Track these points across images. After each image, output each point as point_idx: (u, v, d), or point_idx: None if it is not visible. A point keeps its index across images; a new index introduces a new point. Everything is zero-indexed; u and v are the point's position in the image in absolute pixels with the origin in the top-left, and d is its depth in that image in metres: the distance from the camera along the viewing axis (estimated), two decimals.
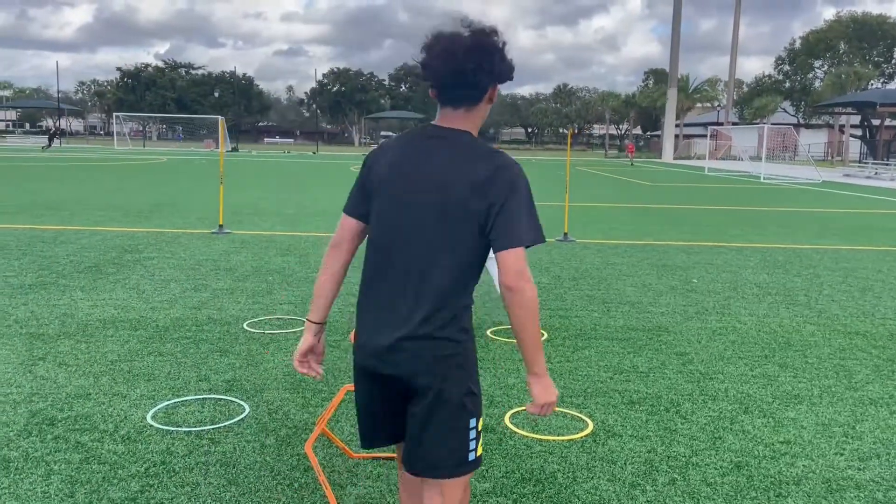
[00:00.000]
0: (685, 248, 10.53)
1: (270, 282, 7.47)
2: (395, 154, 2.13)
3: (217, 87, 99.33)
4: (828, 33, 65.03)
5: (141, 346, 5.18)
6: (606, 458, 3.52)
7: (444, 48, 2.06)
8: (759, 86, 68.73)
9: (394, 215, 2.08)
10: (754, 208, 17.80)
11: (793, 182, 30.12)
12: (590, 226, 12.92)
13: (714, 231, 12.71)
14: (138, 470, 3.32)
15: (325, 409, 3.88)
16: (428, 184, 2.05)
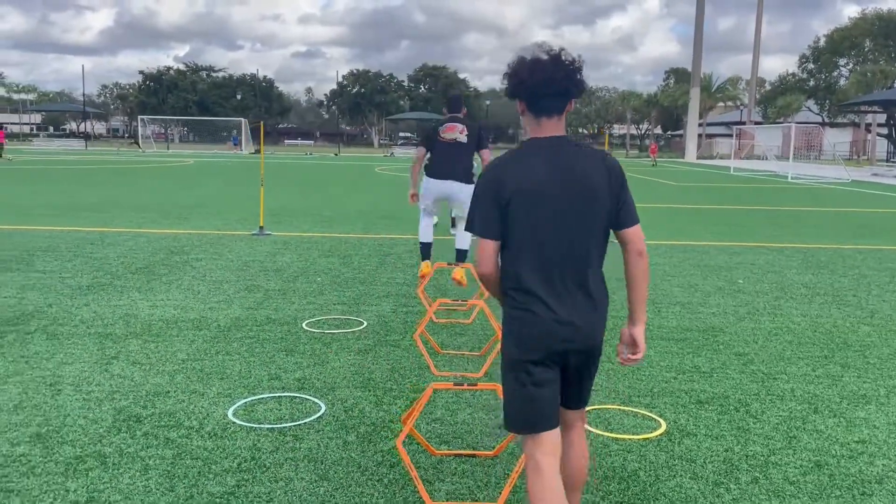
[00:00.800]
0: (724, 248, 10.52)
1: (319, 283, 7.58)
2: (528, 168, 2.43)
3: (238, 89, 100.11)
4: (853, 31, 64.30)
5: (207, 346, 5.29)
6: (685, 456, 3.57)
7: (542, 69, 2.42)
8: (783, 84, 68.13)
9: (552, 216, 2.41)
10: (787, 208, 17.69)
11: (821, 182, 29.86)
12: None
13: (750, 231, 12.67)
14: (230, 465, 3.42)
15: (410, 408, 3.95)
16: (573, 184, 2.41)
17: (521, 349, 2.44)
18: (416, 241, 9.34)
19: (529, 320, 2.41)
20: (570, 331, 2.40)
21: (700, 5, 56.80)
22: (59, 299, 6.59)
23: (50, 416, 3.95)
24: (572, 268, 2.42)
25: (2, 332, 5.52)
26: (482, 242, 2.46)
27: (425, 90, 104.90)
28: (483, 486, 3.27)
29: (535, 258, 2.42)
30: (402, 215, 14.12)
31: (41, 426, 3.82)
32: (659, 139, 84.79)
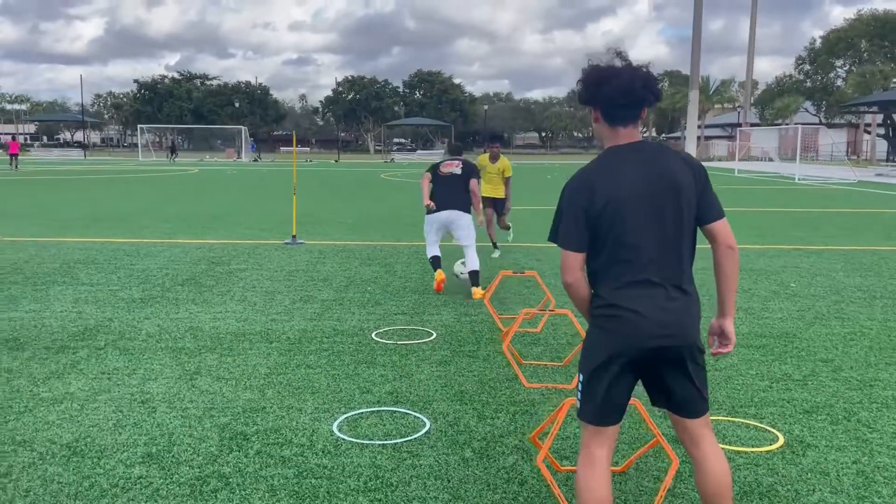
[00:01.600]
0: (762, 251, 10.48)
1: (371, 292, 7.50)
2: (614, 175, 2.48)
3: (233, 96, 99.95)
4: (848, 32, 64.63)
5: (285, 359, 5.21)
6: (816, 469, 3.51)
7: (620, 78, 2.47)
8: (780, 86, 68.40)
9: (643, 219, 2.46)
10: (808, 210, 17.69)
11: (828, 182, 29.93)
12: None
13: (780, 234, 12.65)
14: (357, 484, 3.34)
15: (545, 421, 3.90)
16: (661, 186, 2.46)
17: (611, 348, 2.47)
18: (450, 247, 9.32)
19: (624, 319, 2.44)
20: (667, 329, 2.43)
21: (697, 10, 56.90)
22: (116, 313, 6.50)
23: (153, 434, 3.87)
24: (665, 267, 2.47)
25: (73, 347, 5.43)
26: (565, 254, 2.52)
27: (420, 96, 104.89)
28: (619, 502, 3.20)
29: (628, 261, 2.46)
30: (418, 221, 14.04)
31: (148, 445, 3.73)
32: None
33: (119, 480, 3.36)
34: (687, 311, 2.49)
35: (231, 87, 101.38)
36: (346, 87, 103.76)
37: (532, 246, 10.95)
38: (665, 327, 2.43)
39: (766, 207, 18.44)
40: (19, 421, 4.03)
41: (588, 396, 2.55)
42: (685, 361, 2.50)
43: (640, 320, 2.43)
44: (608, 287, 2.49)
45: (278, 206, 17.07)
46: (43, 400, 4.35)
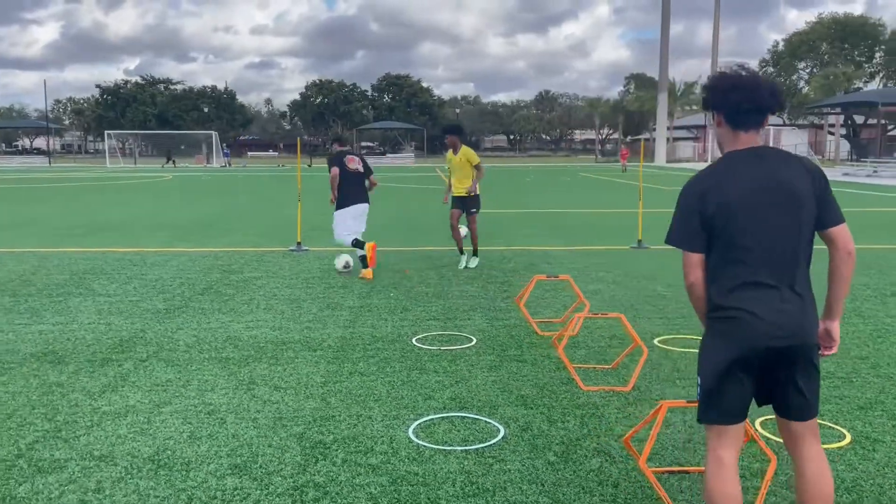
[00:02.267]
0: None
1: (395, 298, 7.52)
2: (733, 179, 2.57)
3: (199, 101, 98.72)
4: (810, 35, 66.23)
5: (335, 367, 5.22)
6: (890, 463, 3.64)
7: (746, 85, 2.59)
8: None
9: (760, 222, 2.54)
10: None
11: None
12: (649, 232, 13.05)
13: None
14: (454, 490, 3.38)
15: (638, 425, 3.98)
16: (778, 190, 2.54)
17: (729, 350, 2.55)
18: (454, 252, 9.41)
19: (742, 320, 2.52)
20: (781, 329, 2.50)
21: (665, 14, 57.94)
22: (146, 324, 6.43)
23: (232, 445, 3.86)
24: (780, 269, 2.54)
25: (116, 360, 5.38)
26: (686, 255, 2.63)
27: (389, 99, 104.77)
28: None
29: (740, 262, 2.55)
30: (424, 227, 14.10)
31: (232, 457, 3.73)
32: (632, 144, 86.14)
33: (216, 493, 3.36)
34: (802, 313, 2.55)
35: (196, 91, 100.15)
36: (314, 91, 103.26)
37: (537, 249, 11.04)
38: (780, 328, 2.50)
39: None
40: (91, 435, 3.99)
41: (709, 400, 2.63)
42: (800, 363, 2.57)
43: (755, 321, 2.51)
44: (722, 289, 2.57)
45: (267, 212, 16.97)
46: (107, 414, 4.31)
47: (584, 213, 17.60)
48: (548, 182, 32.27)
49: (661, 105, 58.47)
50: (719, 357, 2.57)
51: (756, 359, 2.54)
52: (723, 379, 2.58)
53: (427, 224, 14.65)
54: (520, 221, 15.19)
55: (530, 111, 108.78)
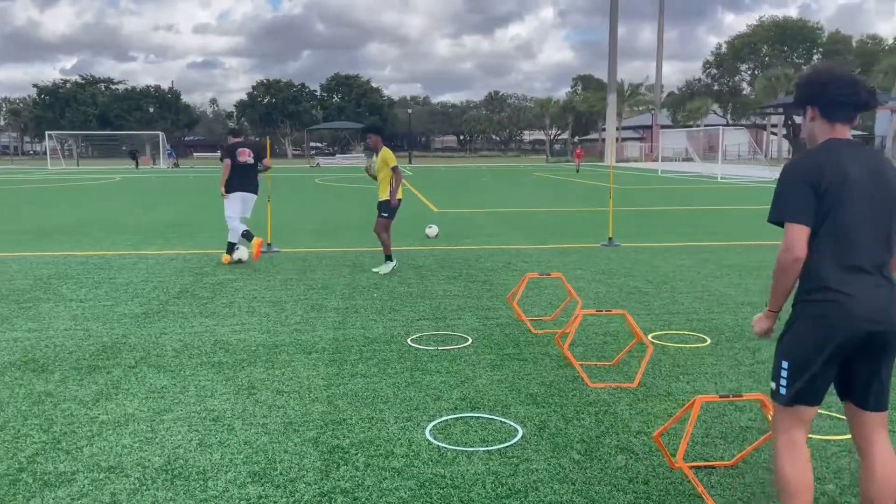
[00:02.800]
0: (730, 247, 10.95)
1: (378, 299, 7.41)
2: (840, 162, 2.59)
3: (142, 101, 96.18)
4: (752, 37, 68.16)
5: (334, 369, 5.10)
6: None
7: (847, 82, 2.66)
8: (690, 89, 71.43)
9: (862, 207, 2.57)
10: (747, 207, 18.56)
11: (750, 181, 31.46)
12: (617, 230, 13.22)
13: (738, 231, 13.22)
14: (486, 492, 3.33)
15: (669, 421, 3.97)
16: (878, 179, 2.60)
17: (824, 331, 2.56)
18: (433, 252, 9.37)
19: (838, 304, 2.53)
20: (880, 315, 2.53)
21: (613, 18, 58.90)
22: (127, 329, 6.20)
23: (247, 452, 3.73)
24: (877, 256, 2.58)
25: (103, 367, 5.16)
26: (796, 228, 2.58)
27: (339, 99, 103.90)
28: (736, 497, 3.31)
29: (845, 244, 2.56)
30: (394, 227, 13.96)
31: (248, 464, 3.60)
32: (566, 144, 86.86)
33: (239, 502, 3.23)
34: (893, 299, 2.58)
35: (140, 91, 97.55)
36: (261, 91, 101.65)
37: (479, 248, 11.06)
38: (877, 312, 2.53)
39: (708, 206, 19.23)
40: (94, 446, 3.81)
41: (798, 381, 2.61)
42: (889, 351, 2.61)
43: (854, 304, 2.52)
44: (823, 270, 2.57)
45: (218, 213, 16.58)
46: (106, 423, 4.12)
47: (547, 211, 17.71)
48: (504, 182, 32.44)
49: (610, 106, 59.37)
50: (817, 338, 2.57)
51: (852, 343, 2.55)
52: (817, 361, 2.57)
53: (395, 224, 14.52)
54: (487, 221, 15.20)
55: (480, 112, 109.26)
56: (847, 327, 2.53)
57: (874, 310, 2.53)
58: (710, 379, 4.91)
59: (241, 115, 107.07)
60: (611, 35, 59.77)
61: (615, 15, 59.00)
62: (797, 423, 2.66)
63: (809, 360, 2.58)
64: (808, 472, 2.64)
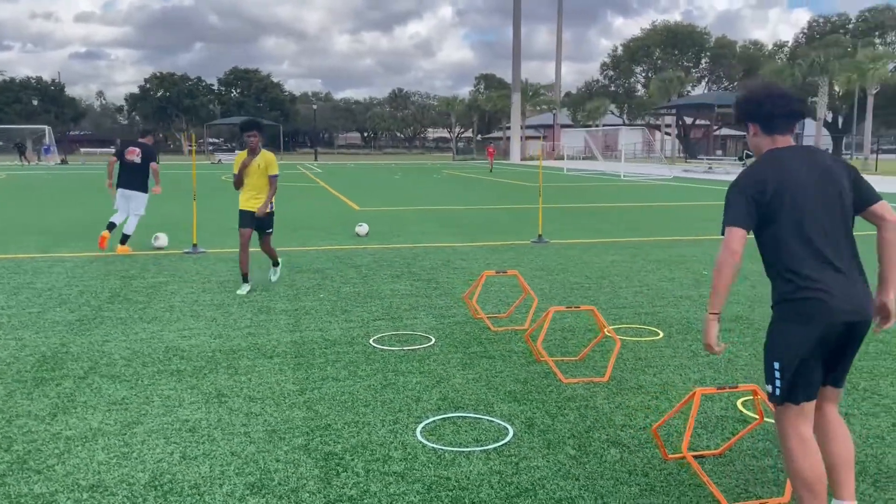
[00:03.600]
0: (652, 243, 11.37)
1: (325, 300, 7.26)
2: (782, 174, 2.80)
3: (22, 93, 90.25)
4: (646, 41, 71.04)
5: (303, 373, 4.96)
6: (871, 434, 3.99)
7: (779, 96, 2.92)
8: (589, 90, 73.73)
9: (818, 204, 2.78)
10: (655, 204, 19.32)
11: (651, 179, 32.77)
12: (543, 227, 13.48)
13: (653, 226, 13.74)
14: (493, 493, 3.32)
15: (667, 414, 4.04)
16: (826, 179, 2.82)
17: (811, 327, 2.72)
18: (368, 251, 9.33)
19: (821, 299, 2.70)
20: (853, 305, 2.73)
21: (516, 20, 59.97)
22: (65, 337, 5.80)
23: (236, 463, 3.57)
24: (841, 250, 2.78)
25: (49, 378, 4.81)
26: (734, 231, 2.79)
27: (237, 94, 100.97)
28: (755, 483, 3.45)
29: (807, 246, 2.76)
30: (320, 225, 13.73)
31: (242, 475, 3.44)
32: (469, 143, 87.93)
33: None
34: (865, 291, 2.79)
35: (20, 82, 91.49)
36: (154, 84, 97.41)
37: (401, 247, 11.07)
38: (852, 304, 2.73)
39: (619, 203, 19.89)
40: (67, 464, 3.55)
41: (795, 380, 2.76)
42: (861, 336, 2.83)
43: (833, 300, 2.70)
44: (794, 270, 2.75)
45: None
46: (72, 439, 3.85)
47: (470, 209, 17.85)
48: (418, 180, 32.46)
49: (514, 105, 60.48)
50: (802, 337, 2.72)
51: (833, 335, 2.75)
52: (807, 358, 2.74)
53: (320, 223, 14.28)
54: (414, 219, 15.17)
55: (384, 109, 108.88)
56: (827, 321, 2.71)
57: (850, 302, 2.72)
58: (674, 371, 5.08)
59: (132, 109, 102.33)
60: (514, 35, 60.83)
61: (518, 15, 60.10)
62: (801, 418, 2.80)
63: (801, 357, 2.74)
64: (821, 464, 2.77)
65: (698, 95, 58.51)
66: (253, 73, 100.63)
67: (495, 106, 67.96)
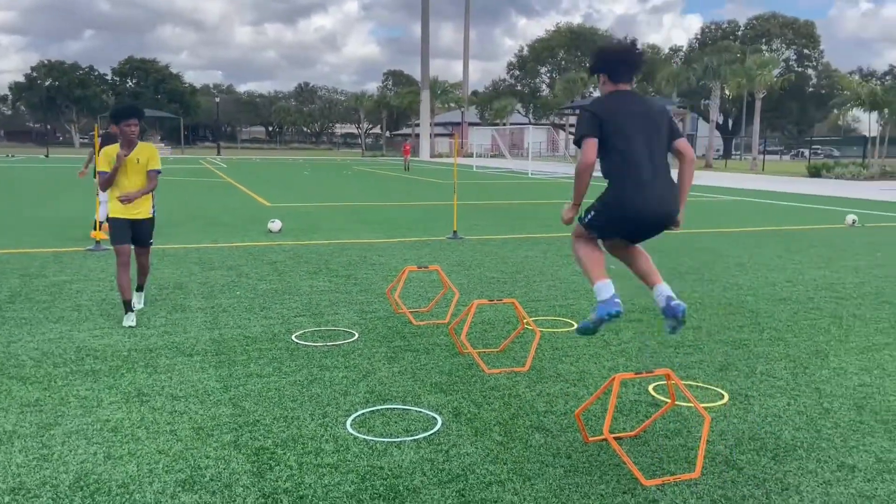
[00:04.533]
0: (562, 238, 11.74)
1: (242, 297, 7.16)
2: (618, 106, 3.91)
3: None
4: (550, 42, 72.77)
5: (227, 371, 4.91)
6: (769, 413, 4.32)
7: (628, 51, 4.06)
8: (496, 88, 74.87)
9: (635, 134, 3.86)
10: (563, 201, 19.89)
11: (557, 177, 33.67)
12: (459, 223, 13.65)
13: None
14: (427, 479, 3.41)
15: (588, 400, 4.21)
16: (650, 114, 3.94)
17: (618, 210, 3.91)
18: (283, 248, 9.30)
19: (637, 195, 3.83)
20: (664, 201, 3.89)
21: (425, 18, 60.17)
22: None
23: (165, 462, 3.52)
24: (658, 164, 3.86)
25: None
26: (588, 141, 3.81)
27: (134, 85, 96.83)
28: (647, 462, 3.68)
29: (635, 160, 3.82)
30: (231, 222, 13.44)
31: (171, 473, 3.40)
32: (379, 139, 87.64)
33: None
34: (673, 194, 3.92)
35: None
36: (42, 73, 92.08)
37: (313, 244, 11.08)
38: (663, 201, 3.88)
39: (531, 200, 20.37)
40: None
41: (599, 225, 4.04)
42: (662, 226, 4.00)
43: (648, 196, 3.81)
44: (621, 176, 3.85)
45: (29, 209, 15.01)
46: None
47: (384, 205, 17.86)
48: (329, 176, 32.15)
49: (424, 102, 60.71)
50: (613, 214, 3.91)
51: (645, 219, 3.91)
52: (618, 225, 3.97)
53: (231, 219, 13.98)
54: (327, 215, 15.06)
55: (289, 103, 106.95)
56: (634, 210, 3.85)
57: (660, 199, 3.85)
58: (589, 360, 5.32)
59: (17, 99, 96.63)
60: (423, 32, 61.05)
61: (427, 12, 60.34)
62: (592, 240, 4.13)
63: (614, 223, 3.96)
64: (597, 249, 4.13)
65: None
66: (150, 63, 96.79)
67: (404, 102, 68.00)
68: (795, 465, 3.61)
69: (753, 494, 3.32)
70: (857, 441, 3.92)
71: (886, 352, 5.58)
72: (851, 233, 13.13)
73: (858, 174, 32.93)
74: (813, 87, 75.36)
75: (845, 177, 33.15)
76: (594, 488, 3.36)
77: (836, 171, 33.80)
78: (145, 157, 6.15)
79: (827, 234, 12.89)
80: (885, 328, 6.28)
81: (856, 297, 7.48)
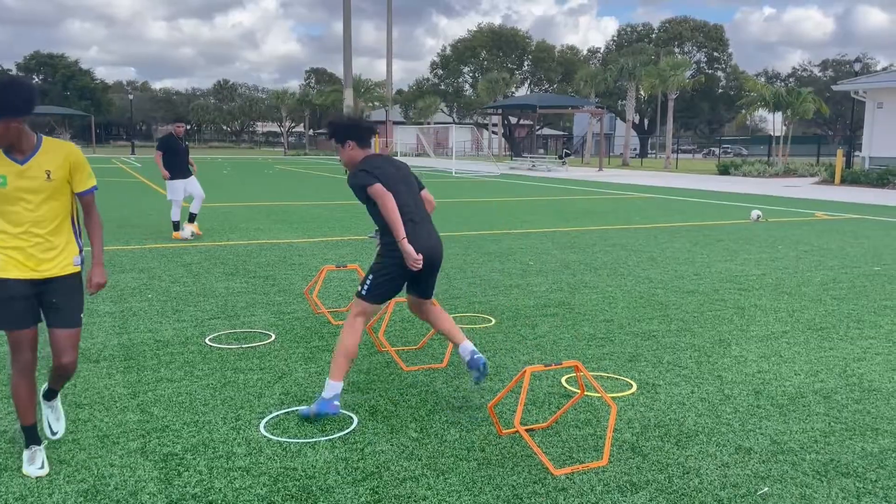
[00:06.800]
0: (483, 236, 11.89)
1: (154, 300, 6.97)
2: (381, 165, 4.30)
3: None
4: (473, 42, 73.34)
5: (135, 377, 4.76)
6: (673, 401, 4.49)
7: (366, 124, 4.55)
8: (420, 88, 74.94)
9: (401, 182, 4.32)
10: (485, 200, 20.10)
11: (480, 176, 33.96)
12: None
13: (487, 221, 14.33)
14: (341, 478, 3.41)
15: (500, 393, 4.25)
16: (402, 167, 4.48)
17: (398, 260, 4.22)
18: (199, 248, 9.13)
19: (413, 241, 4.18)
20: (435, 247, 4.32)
21: (347, 16, 59.55)
22: None
23: (67, 471, 3.40)
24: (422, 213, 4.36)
25: None
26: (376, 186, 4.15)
27: (41, 81, 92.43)
28: (558, 453, 3.78)
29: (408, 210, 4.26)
30: (143, 223, 13.01)
31: (73, 482, 3.28)
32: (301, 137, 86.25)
33: None
34: (435, 235, 4.37)
35: None
36: None
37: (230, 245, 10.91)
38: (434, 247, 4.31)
39: (453, 199, 20.47)
40: None
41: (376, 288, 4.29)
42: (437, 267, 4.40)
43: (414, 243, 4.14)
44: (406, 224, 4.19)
45: None
46: None
47: (306, 205, 17.61)
48: (248, 175, 31.48)
49: (347, 101, 60.04)
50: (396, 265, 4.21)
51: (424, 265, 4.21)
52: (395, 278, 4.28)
53: (144, 220, 13.54)
54: (247, 215, 14.76)
55: (208, 100, 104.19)
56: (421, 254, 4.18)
57: (426, 244, 4.22)
58: (505, 354, 5.41)
59: None
60: (345, 30, 60.41)
61: (348, 9, 59.80)
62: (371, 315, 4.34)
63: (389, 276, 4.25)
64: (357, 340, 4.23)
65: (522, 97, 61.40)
66: (58, 58, 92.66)
67: (327, 101, 67.24)
68: (697, 450, 3.77)
69: (657, 479, 3.45)
70: (753, 425, 4.13)
71: (784, 339, 5.89)
72: (755, 227, 13.76)
73: (764, 171, 34.50)
74: (723, 88, 78.47)
75: (752, 174, 34.70)
76: (506, 479, 3.42)
77: (743, 168, 35.30)
78: (69, 166, 3.40)
79: (733, 228, 13.48)
80: (783, 317, 6.62)
81: (758, 289, 7.86)
